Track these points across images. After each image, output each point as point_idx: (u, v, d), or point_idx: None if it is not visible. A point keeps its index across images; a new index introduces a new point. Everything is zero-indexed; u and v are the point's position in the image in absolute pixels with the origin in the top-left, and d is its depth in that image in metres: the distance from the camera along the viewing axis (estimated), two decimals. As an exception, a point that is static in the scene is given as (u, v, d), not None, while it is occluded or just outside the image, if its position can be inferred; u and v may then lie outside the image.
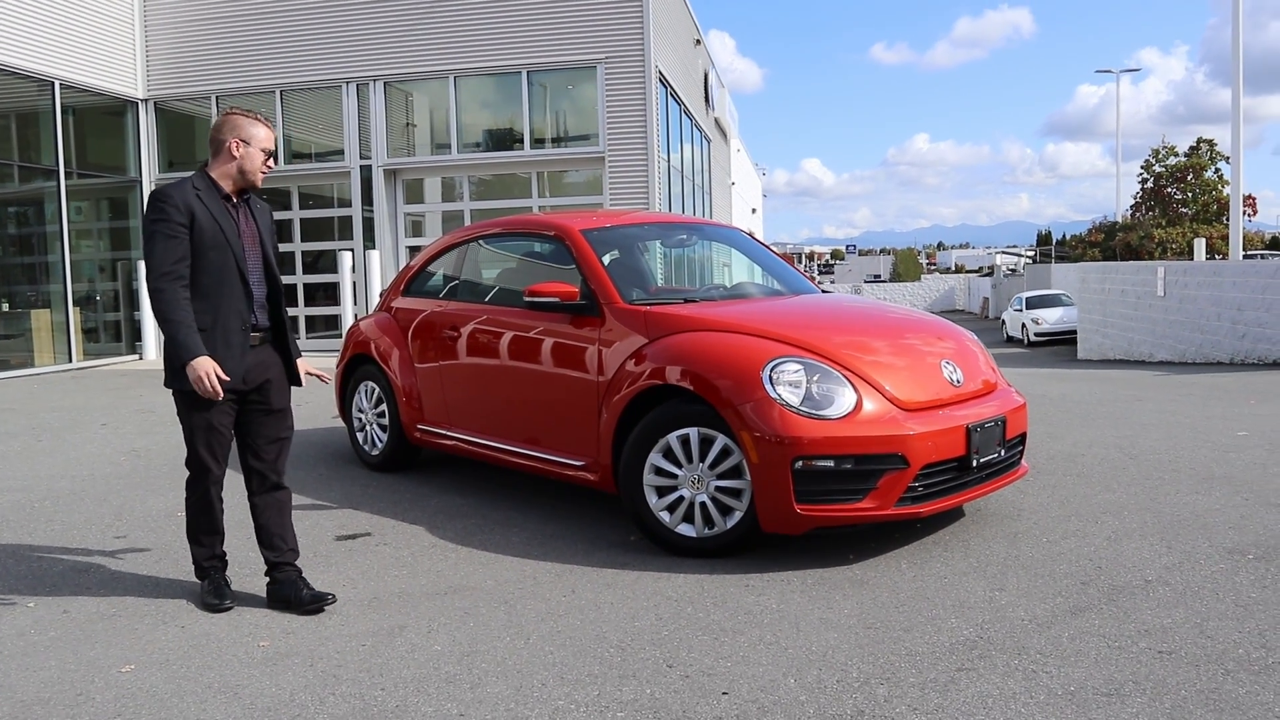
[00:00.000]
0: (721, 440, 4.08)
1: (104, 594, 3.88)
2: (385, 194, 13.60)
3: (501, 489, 5.44)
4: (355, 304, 13.34)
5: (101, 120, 13.76)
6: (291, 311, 14.33)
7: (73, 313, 12.65)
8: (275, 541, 3.75)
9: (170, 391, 3.57)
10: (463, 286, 5.53)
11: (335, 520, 4.89)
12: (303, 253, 14.55)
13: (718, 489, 4.11)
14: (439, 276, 5.79)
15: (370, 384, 5.98)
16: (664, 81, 13.54)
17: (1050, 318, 25.16)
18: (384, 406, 5.87)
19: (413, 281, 5.98)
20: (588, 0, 12.76)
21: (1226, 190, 37.98)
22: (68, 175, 12.61)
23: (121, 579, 4.06)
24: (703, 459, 4.12)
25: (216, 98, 13.30)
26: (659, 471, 4.21)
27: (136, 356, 13.77)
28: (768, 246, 5.80)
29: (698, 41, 17.95)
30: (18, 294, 12.64)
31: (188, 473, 3.69)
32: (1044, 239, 52.20)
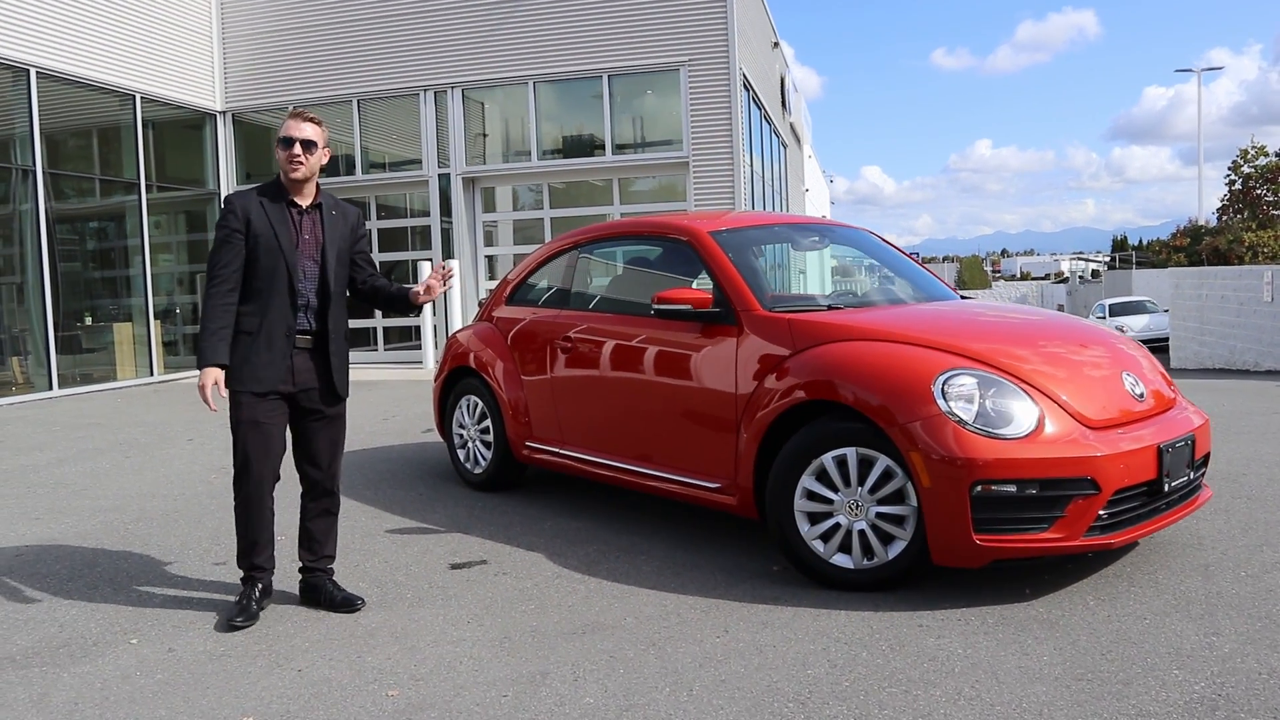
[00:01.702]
0: (883, 462, 3.65)
1: (209, 629, 3.56)
2: (464, 202, 13.36)
3: (618, 511, 5.05)
4: (434, 314, 13.12)
5: (180, 133, 13.75)
6: (368, 322, 14.22)
7: (154, 326, 12.61)
8: (315, 546, 3.80)
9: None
10: (575, 294, 5.16)
11: (445, 546, 4.55)
12: (381, 264, 14.39)
13: (878, 515, 3.68)
14: (548, 284, 5.43)
15: (473, 398, 5.64)
16: (746, 85, 13.13)
17: (1136, 325, 24.17)
18: (488, 422, 5.52)
19: (518, 290, 5.63)
20: (670, 2, 12.40)
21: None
22: (148, 188, 12.59)
23: (223, 611, 3.74)
24: (861, 482, 3.69)
25: (294, 109, 13.18)
26: (811, 496, 3.78)
27: (215, 369, 13.71)
28: (899, 248, 5.35)
29: (775, 44, 17.51)
30: (100, 308, 12.64)
31: (235, 474, 3.66)
32: (1119, 244, 50.56)
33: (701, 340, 4.31)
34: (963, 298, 5.09)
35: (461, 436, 5.75)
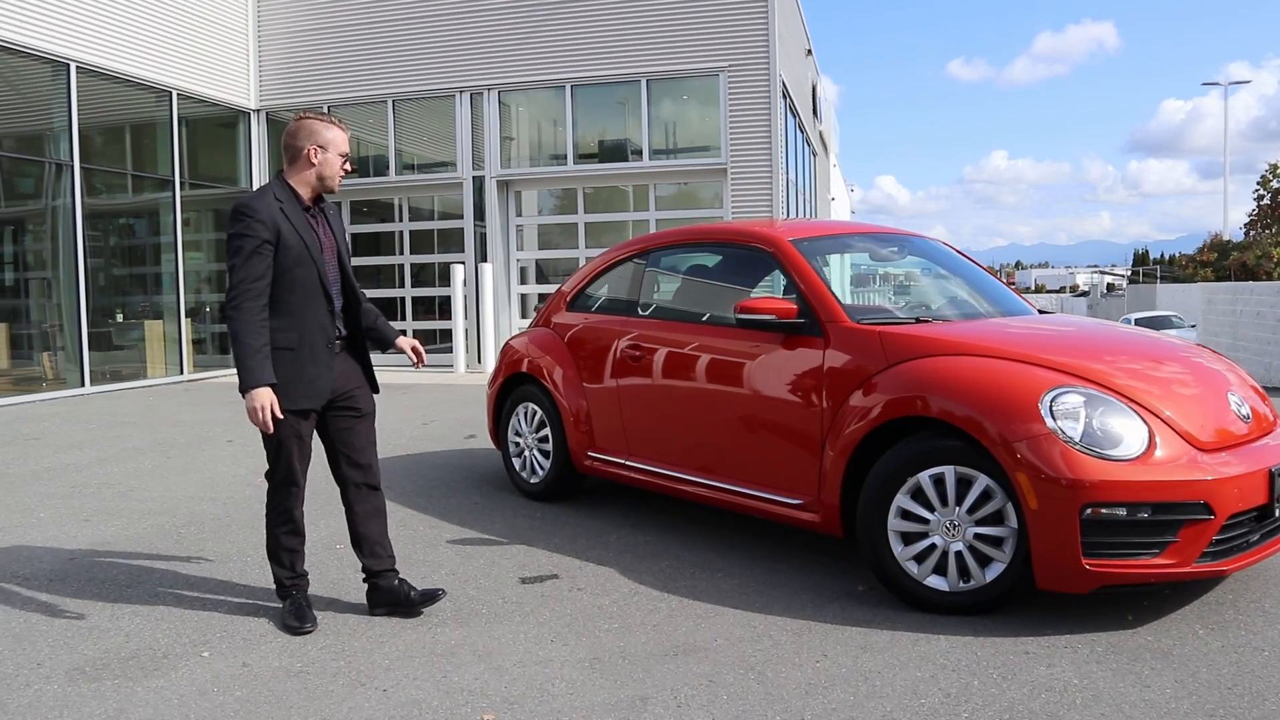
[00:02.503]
0: (983, 481, 3.50)
1: (281, 643, 3.42)
2: (498, 206, 13.24)
3: (683, 525, 4.90)
4: (465, 319, 13.00)
5: (213, 131, 13.69)
6: (398, 325, 14.08)
7: (185, 324, 12.53)
8: (377, 550, 3.68)
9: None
10: (644, 301, 5.02)
11: (511, 559, 4.40)
12: (411, 265, 14.27)
13: (976, 536, 3.53)
14: (613, 290, 5.29)
15: (531, 406, 5.50)
16: (785, 92, 12.99)
17: (1164, 340, 23.79)
18: (546, 431, 5.38)
19: (579, 295, 5.49)
20: (710, 7, 12.28)
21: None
22: (181, 185, 12.52)
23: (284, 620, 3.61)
24: (959, 502, 3.54)
25: (328, 108, 13.11)
26: (906, 515, 3.63)
27: (244, 369, 13.61)
28: (974, 260, 5.20)
29: (809, 52, 17.39)
30: (130, 305, 12.56)
31: (269, 485, 3.57)
32: (1141, 258, 50.21)
33: (782, 351, 4.17)
34: (1040, 312, 4.93)
35: (518, 445, 5.61)
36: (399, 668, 3.18)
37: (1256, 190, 36.77)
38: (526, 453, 5.54)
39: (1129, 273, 45.16)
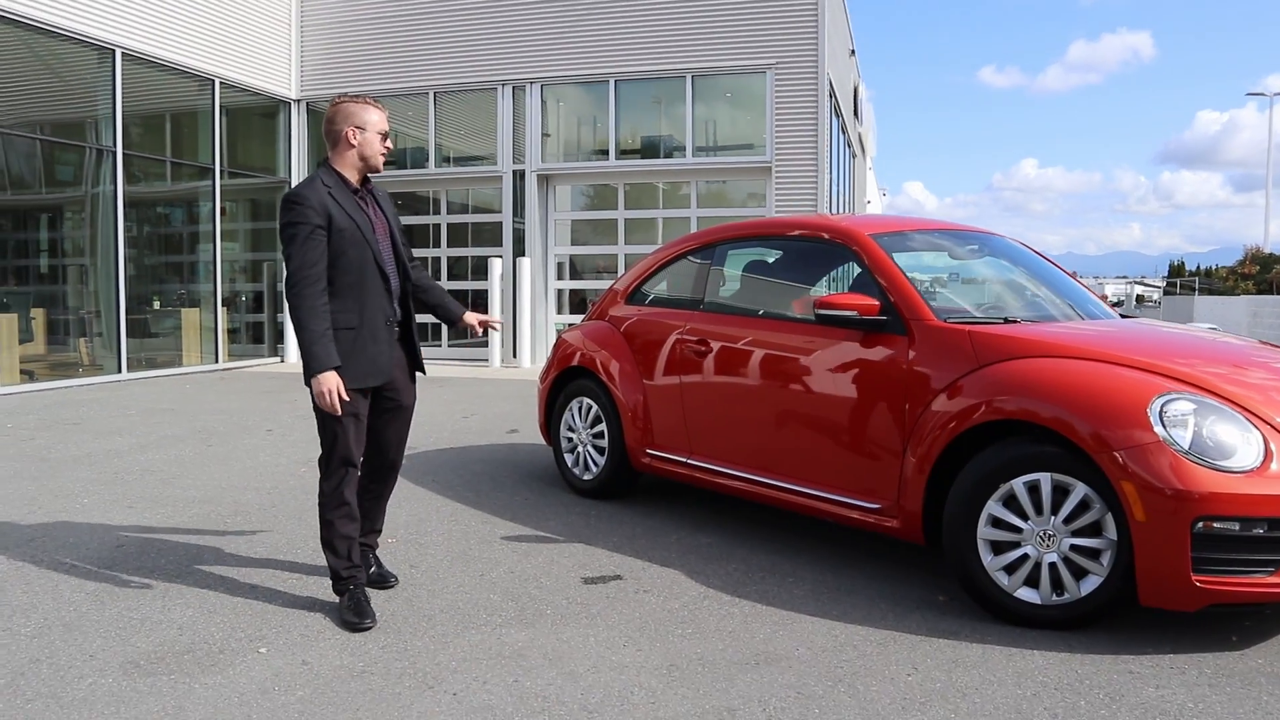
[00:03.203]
0: (1080, 490, 3.30)
1: (339, 640, 3.28)
2: (537, 200, 13.10)
3: (745, 527, 4.72)
4: (501, 313, 12.87)
5: (254, 120, 13.63)
6: (433, 318, 13.94)
7: (221, 313, 12.47)
8: (364, 522, 3.74)
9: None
10: (710, 295, 4.84)
11: (570, 557, 4.24)
12: (448, 258, 14.16)
13: (1072, 548, 3.33)
14: (677, 283, 5.12)
15: (586, 401, 5.34)
16: (831, 92, 12.78)
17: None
18: (602, 426, 5.22)
19: (639, 288, 5.32)
20: (759, 4, 12.08)
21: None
22: (221, 175, 12.47)
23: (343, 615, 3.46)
24: (1055, 511, 3.35)
25: (366, 98, 12.99)
26: (997, 523, 3.44)
27: (279, 359, 13.54)
28: (1054, 261, 4.99)
29: (852, 52, 17.15)
30: (167, 292, 12.52)
31: (322, 471, 3.52)
32: (1177, 270, 49.47)
33: (861, 350, 3.98)
34: (1122, 316, 4.71)
35: (571, 440, 5.45)
36: (466, 670, 3.03)
37: (1302, 202, 36.19)
38: (580, 449, 5.38)
39: (1164, 284, 44.52)
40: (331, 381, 3.27)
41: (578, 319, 14.03)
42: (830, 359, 4.09)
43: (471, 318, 3.94)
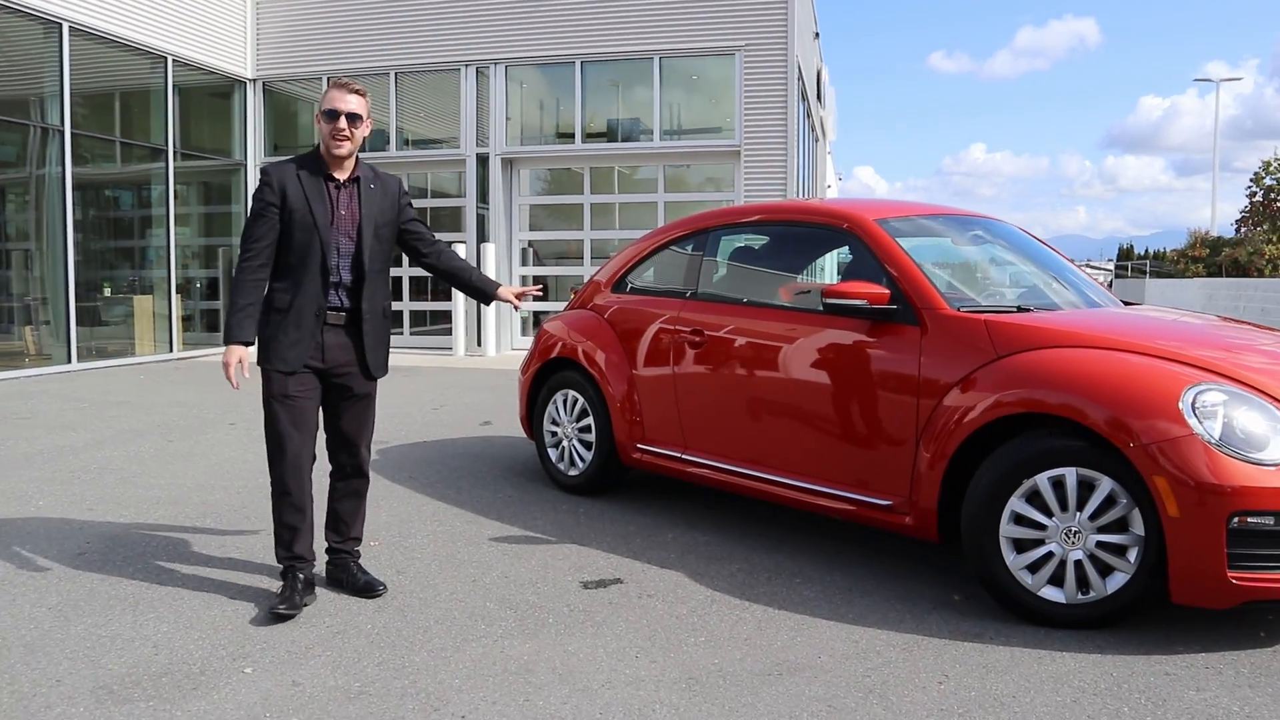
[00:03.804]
0: (1107, 484, 3.18)
1: (331, 657, 3.05)
2: (501, 184, 12.78)
3: (742, 524, 4.56)
4: (465, 300, 12.57)
5: (207, 100, 13.14)
6: (396, 305, 13.60)
7: (175, 300, 12.02)
8: (343, 528, 3.69)
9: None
10: (705, 282, 4.65)
11: (565, 559, 4.05)
12: (409, 245, 13.79)
13: (1098, 545, 3.21)
14: (669, 271, 4.92)
15: (571, 394, 5.13)
16: (799, 75, 12.62)
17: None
18: (588, 420, 5.02)
19: (627, 276, 5.11)
20: (727, -18, 11.87)
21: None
22: (175, 156, 11.99)
23: (342, 635, 3.24)
24: (1080, 507, 3.22)
25: (327, 79, 12.59)
26: (1020, 520, 3.31)
27: (235, 349, 13.10)
28: (1053, 247, 4.87)
29: (816, 35, 17.02)
30: (119, 279, 12.04)
31: (267, 452, 3.51)
32: (1126, 253, 50.26)
33: (870, 340, 3.82)
34: (1126, 304, 4.61)
35: (555, 435, 5.24)
36: (472, 689, 2.82)
37: (1249, 188, 36.87)
38: (565, 443, 5.17)
39: (1113, 267, 45.21)
40: (235, 354, 3.36)
41: (546, 307, 13.86)
42: (837, 350, 3.93)
43: (507, 293, 3.93)
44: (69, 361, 10.48)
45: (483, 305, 12.27)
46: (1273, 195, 36.20)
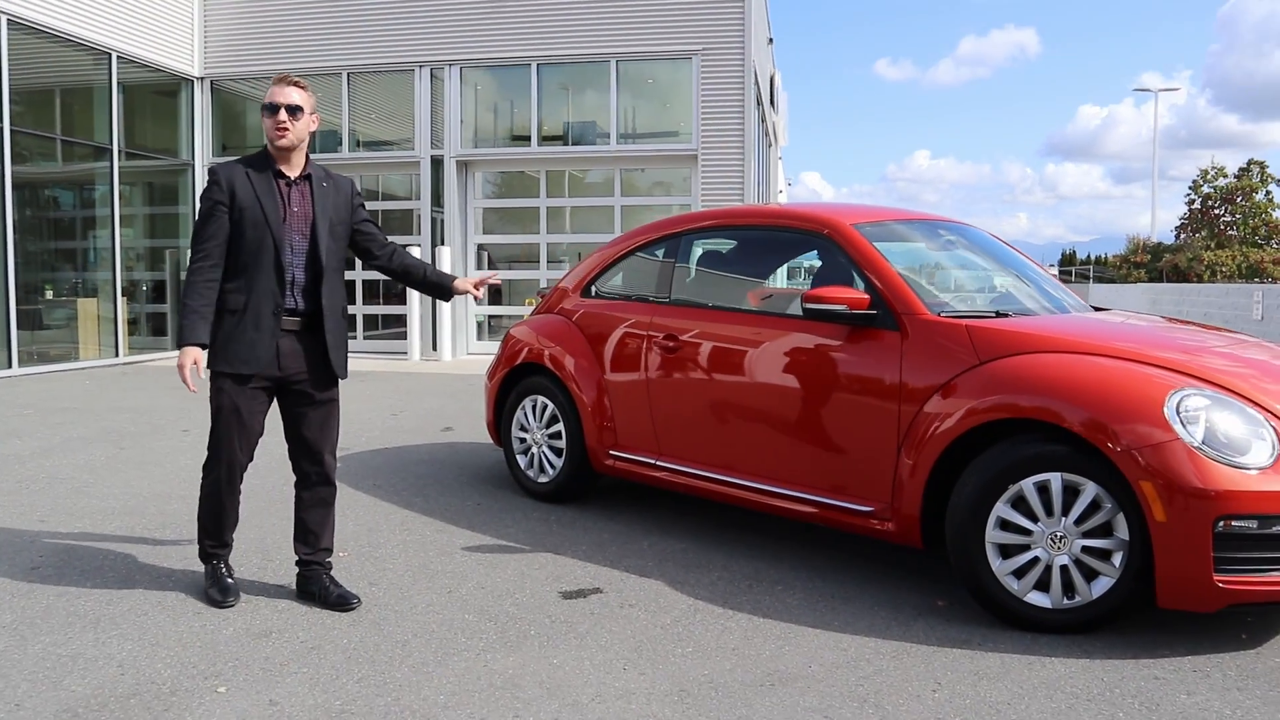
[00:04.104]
0: (1091, 489, 3.19)
1: (308, 674, 2.95)
2: (456, 187, 12.62)
3: (717, 530, 4.51)
4: (420, 304, 12.39)
5: (153, 99, 12.78)
6: (349, 309, 13.33)
7: (120, 303, 11.66)
8: (312, 539, 3.60)
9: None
10: (678, 287, 4.60)
11: (541, 569, 3.97)
12: (362, 247, 13.54)
13: (1083, 549, 3.22)
14: (641, 275, 4.86)
15: (541, 400, 5.05)
16: (755, 79, 12.65)
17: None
18: (558, 426, 4.94)
19: (598, 279, 5.05)
20: (685, -13, 11.85)
21: (1276, 214, 37.36)
22: (120, 155, 11.63)
23: (318, 650, 3.12)
24: (1066, 512, 3.23)
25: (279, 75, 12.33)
26: (1006, 525, 3.31)
27: (182, 353, 12.74)
28: (1023, 253, 4.91)
29: (770, 40, 17.10)
30: (61, 281, 11.65)
31: (206, 455, 3.51)
32: (1068, 259, 51.48)
33: (849, 346, 3.81)
34: (1095, 309, 4.65)
35: (524, 441, 5.15)
36: (459, 705, 2.74)
37: (1188, 195, 37.95)
38: (534, 449, 5.09)
39: (1057, 272, 46.20)
40: (189, 356, 3.29)
41: (501, 311, 13.72)
42: (815, 355, 3.91)
43: (465, 284, 3.83)
44: (9, 366, 10.12)
45: (440, 303, 12.14)
46: (1210, 203, 37.29)
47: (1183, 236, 38.78)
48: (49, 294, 11.34)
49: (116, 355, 11.63)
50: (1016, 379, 3.35)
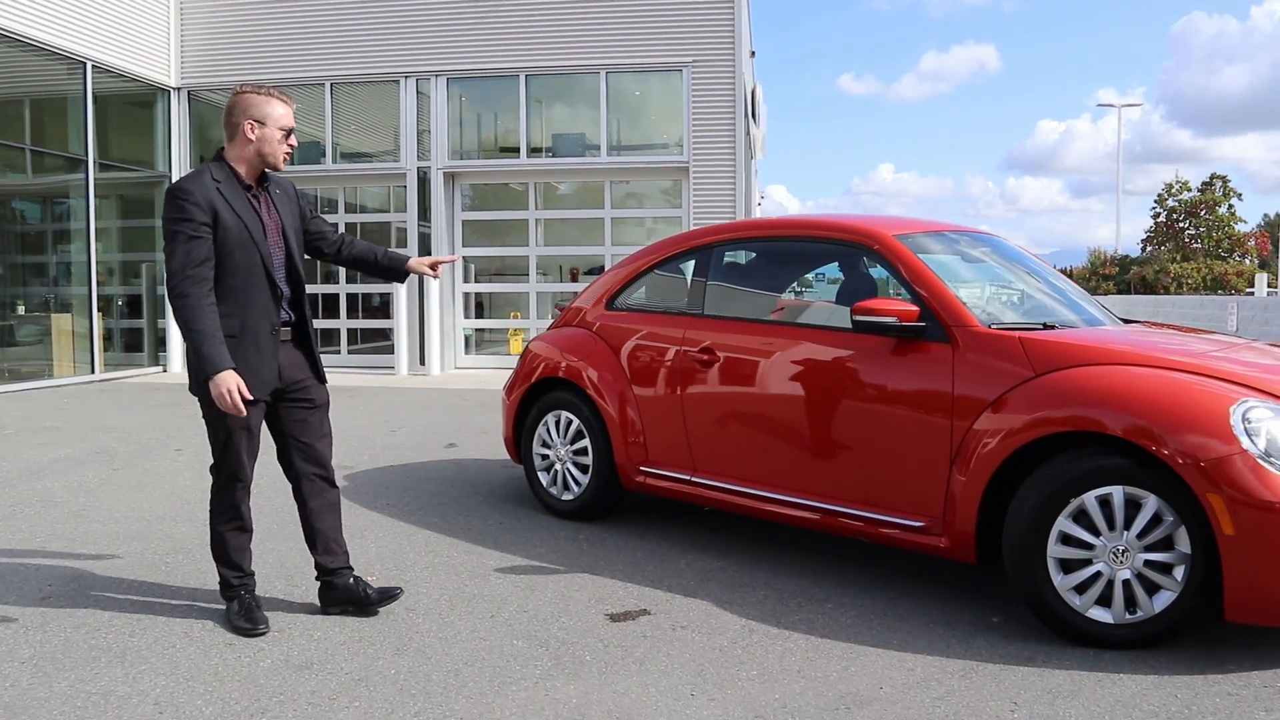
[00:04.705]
0: (1153, 502, 3.14)
1: (361, 709, 2.80)
2: (444, 199, 12.44)
3: (751, 547, 4.41)
4: (408, 316, 12.20)
5: (127, 109, 12.48)
6: (334, 323, 13.10)
7: (96, 319, 11.33)
8: (332, 546, 3.52)
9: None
10: (711, 299, 4.50)
11: (581, 590, 3.84)
12: (345, 261, 13.29)
13: (1145, 563, 3.17)
14: (670, 288, 4.76)
15: (565, 415, 4.93)
16: (744, 91, 12.63)
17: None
18: (584, 442, 4.82)
19: (624, 291, 4.94)
20: (675, 0, 11.80)
21: (1239, 226, 38.22)
22: (95, 167, 11.33)
23: (365, 682, 2.98)
24: (1127, 525, 3.18)
25: (267, 89, 12.11)
26: (1068, 540, 3.24)
27: (160, 369, 12.42)
28: (1050, 265, 4.88)
29: (753, 54, 17.12)
30: (33, 296, 11.32)
31: (214, 480, 3.39)
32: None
33: (897, 358, 3.74)
34: (1125, 320, 4.62)
35: (546, 458, 5.02)
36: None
37: (1154, 209, 38.68)
38: (558, 465, 4.96)
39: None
40: (231, 380, 3.10)
41: (487, 324, 13.55)
42: (862, 368, 3.83)
43: (419, 264, 3.75)
44: (-18, 385, 9.80)
45: (429, 317, 11.95)
46: (1175, 216, 38.03)
47: (1148, 249, 39.52)
48: (20, 309, 11.02)
49: (92, 372, 11.32)
50: (1078, 392, 3.29)
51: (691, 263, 4.64)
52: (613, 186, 12.60)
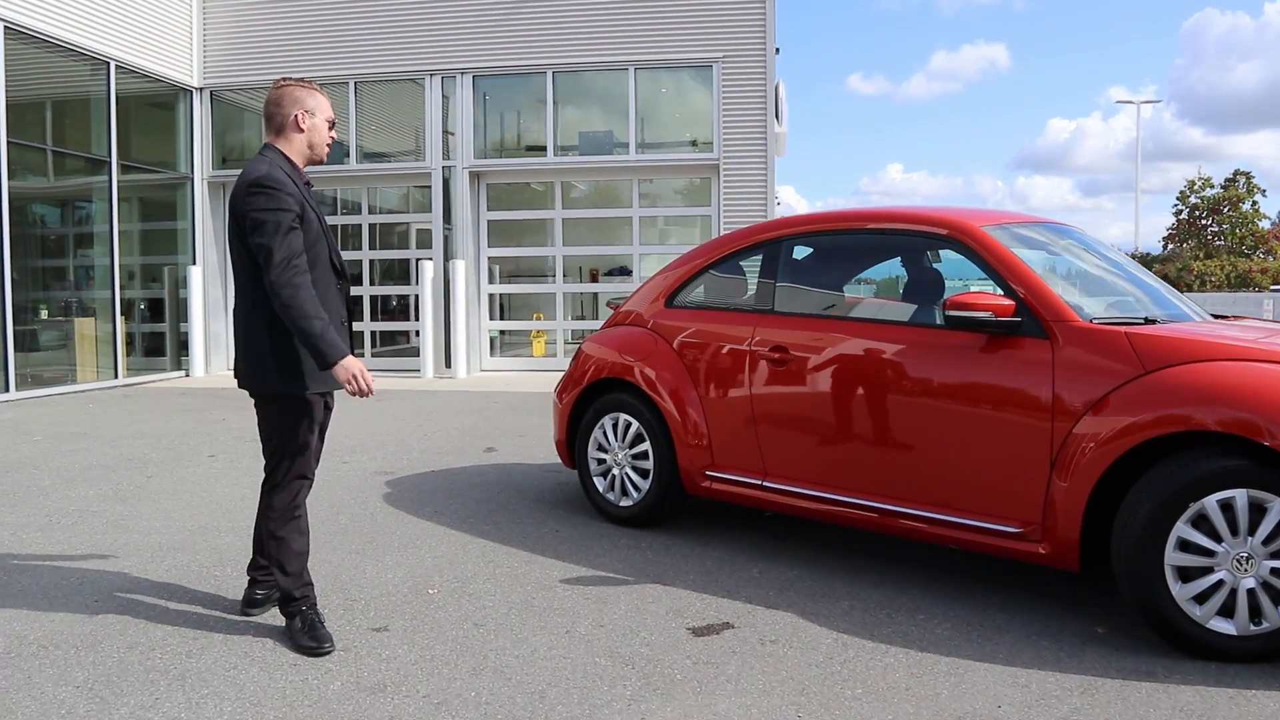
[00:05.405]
0: (1278, 506, 2.93)
1: (445, 729, 2.62)
2: (469, 198, 12.26)
3: (820, 553, 4.21)
4: (434, 321, 12.02)
5: (149, 110, 12.33)
6: (358, 326, 12.97)
7: (119, 323, 11.19)
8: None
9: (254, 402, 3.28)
10: (782, 296, 4.30)
11: (658, 602, 3.64)
12: (371, 261, 13.15)
13: (1272, 571, 2.96)
14: (736, 284, 4.57)
15: (623, 417, 4.73)
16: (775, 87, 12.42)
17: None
18: (644, 445, 4.63)
19: (685, 288, 4.74)
20: (704, -7, 11.60)
21: (1262, 223, 37.83)
22: (117, 169, 11.19)
23: (446, 706, 2.79)
24: (1251, 531, 2.97)
25: (302, 80, 11.95)
26: (1186, 547, 3.04)
27: (183, 373, 12.26)
28: (1136, 261, 4.66)
29: (777, 50, 16.90)
30: (55, 300, 11.18)
31: (273, 483, 3.26)
32: (1051, 269, 52.17)
33: (990, 356, 3.53)
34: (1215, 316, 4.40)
35: (603, 462, 4.83)
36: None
37: (1176, 206, 38.33)
38: (615, 470, 4.77)
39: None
40: (355, 364, 3.05)
41: (512, 325, 13.38)
42: (952, 366, 3.63)
43: None
44: (7, 390, 9.64)
45: (454, 319, 11.77)
46: (1197, 214, 37.66)
47: (1170, 247, 39.18)
48: (43, 314, 10.87)
49: (115, 377, 11.16)
50: (1192, 390, 3.08)
51: (759, 258, 4.44)
52: (639, 185, 12.40)
